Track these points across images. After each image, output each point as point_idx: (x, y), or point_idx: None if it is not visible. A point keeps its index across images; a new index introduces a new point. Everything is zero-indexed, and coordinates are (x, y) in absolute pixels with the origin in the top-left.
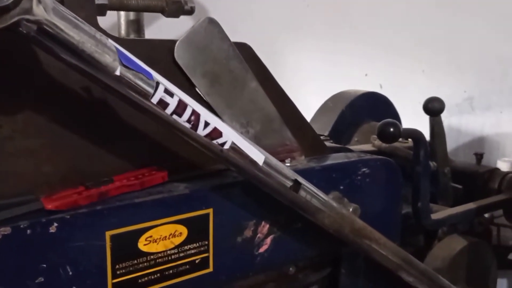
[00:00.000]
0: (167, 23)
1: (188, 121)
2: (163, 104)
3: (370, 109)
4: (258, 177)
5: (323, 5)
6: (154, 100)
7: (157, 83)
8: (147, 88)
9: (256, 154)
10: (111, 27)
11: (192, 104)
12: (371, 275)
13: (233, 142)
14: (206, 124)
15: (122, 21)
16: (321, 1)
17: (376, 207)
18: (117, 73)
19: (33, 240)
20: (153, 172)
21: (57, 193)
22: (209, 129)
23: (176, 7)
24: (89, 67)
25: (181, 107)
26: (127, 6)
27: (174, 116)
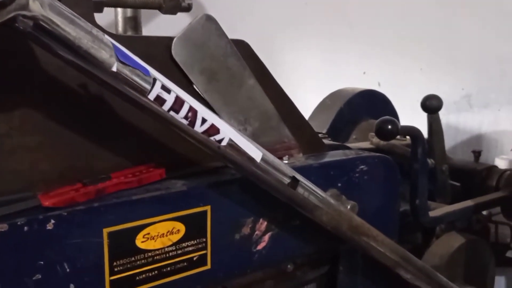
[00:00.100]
0: (165, 21)
1: (185, 117)
2: (160, 100)
3: (368, 107)
4: (256, 174)
5: (322, 4)
6: (151, 97)
7: (154, 79)
8: (144, 84)
9: (253, 151)
10: (109, 25)
11: (189, 100)
12: (369, 272)
13: (231, 138)
14: (204, 120)
15: (119, 18)
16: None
17: (374, 204)
18: (113, 69)
19: (30, 237)
20: (151, 169)
21: (54, 190)
22: (206, 125)
23: (174, 4)
24: (85, 63)
25: (178, 103)
26: (124, 3)
27: (171, 113)
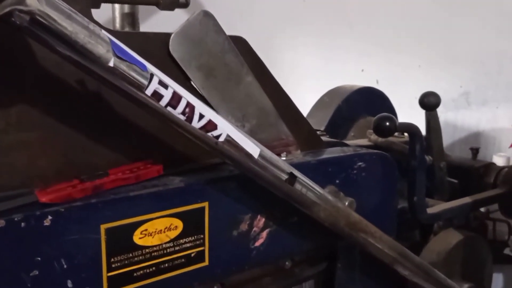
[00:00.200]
0: (163, 18)
1: (183, 113)
2: (157, 96)
3: (366, 104)
4: (254, 170)
5: (320, 1)
6: (148, 92)
7: (151, 75)
8: (141, 79)
9: (251, 147)
10: (107, 21)
11: (187, 96)
12: (367, 269)
13: (228, 134)
14: (201, 116)
15: (117, 14)
16: None
17: (371, 201)
18: (110, 64)
19: (27, 233)
20: (148, 166)
21: (52, 186)
22: (204, 121)
23: (171, 0)
24: (82, 58)
25: (175, 99)
26: None
27: (169, 108)
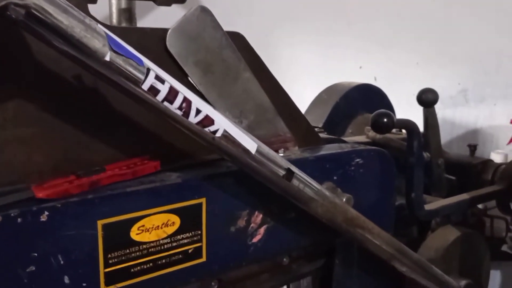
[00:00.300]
0: (162, 15)
1: (180, 108)
2: (154, 90)
3: (364, 101)
4: (251, 165)
5: None
6: (144, 87)
7: (148, 69)
8: (138, 74)
9: (248, 143)
10: (104, 18)
11: (184, 91)
12: (365, 266)
13: (225, 130)
14: (198, 111)
15: (113, 10)
16: None
17: (369, 197)
18: (106, 58)
19: (23, 228)
20: (146, 162)
21: (48, 181)
22: (200, 116)
23: None
24: (78, 53)
25: (172, 94)
26: None
27: (165, 103)
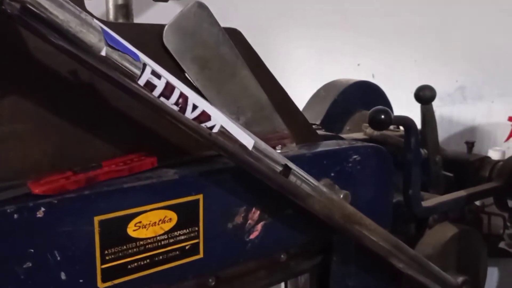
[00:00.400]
0: (160, 12)
1: (176, 103)
2: (150, 86)
3: (362, 98)
4: (248, 161)
5: None
6: (141, 82)
7: (144, 65)
8: (134, 69)
9: (245, 138)
10: (100, 16)
11: (180, 86)
12: (363, 262)
13: (222, 125)
14: (194, 107)
15: (110, 6)
16: None
17: (367, 194)
18: (102, 53)
19: (20, 224)
20: (142, 158)
21: (45, 177)
22: (197, 112)
23: None
24: (74, 48)
25: (168, 89)
26: None
27: (162, 99)
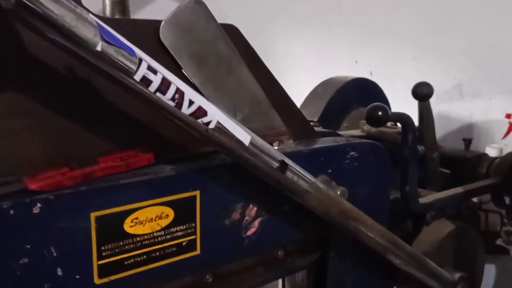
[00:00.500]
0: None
1: (172, 99)
2: (146, 81)
3: (360, 95)
4: (245, 157)
5: None
6: (137, 77)
7: (140, 60)
8: (130, 64)
9: (242, 134)
10: (97, 12)
11: (176, 82)
12: (360, 259)
13: (218, 121)
14: (191, 102)
15: (107, 2)
16: None
17: (364, 190)
18: (98, 48)
19: (16, 220)
20: (139, 154)
21: (41, 173)
22: (193, 107)
23: None
24: (69, 42)
25: (165, 84)
26: None
27: (158, 94)
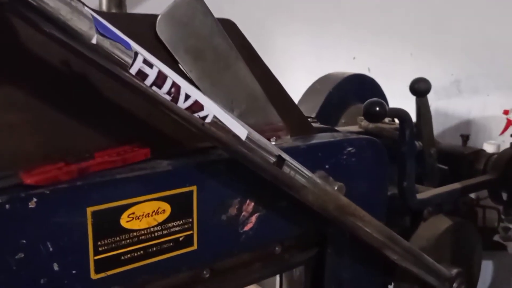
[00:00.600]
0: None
1: (168, 93)
2: (142, 75)
3: (357, 91)
4: (241, 152)
5: None
6: (132, 71)
7: (136, 53)
8: (125, 58)
9: (239, 129)
10: (93, 7)
11: (172, 76)
12: (357, 255)
13: (215, 115)
14: (187, 96)
15: None
16: None
17: (361, 186)
18: (93, 41)
19: (12, 215)
20: (136, 149)
21: (37, 168)
22: (190, 101)
23: None
24: (65, 36)
25: (160, 78)
26: None
27: (154, 88)
